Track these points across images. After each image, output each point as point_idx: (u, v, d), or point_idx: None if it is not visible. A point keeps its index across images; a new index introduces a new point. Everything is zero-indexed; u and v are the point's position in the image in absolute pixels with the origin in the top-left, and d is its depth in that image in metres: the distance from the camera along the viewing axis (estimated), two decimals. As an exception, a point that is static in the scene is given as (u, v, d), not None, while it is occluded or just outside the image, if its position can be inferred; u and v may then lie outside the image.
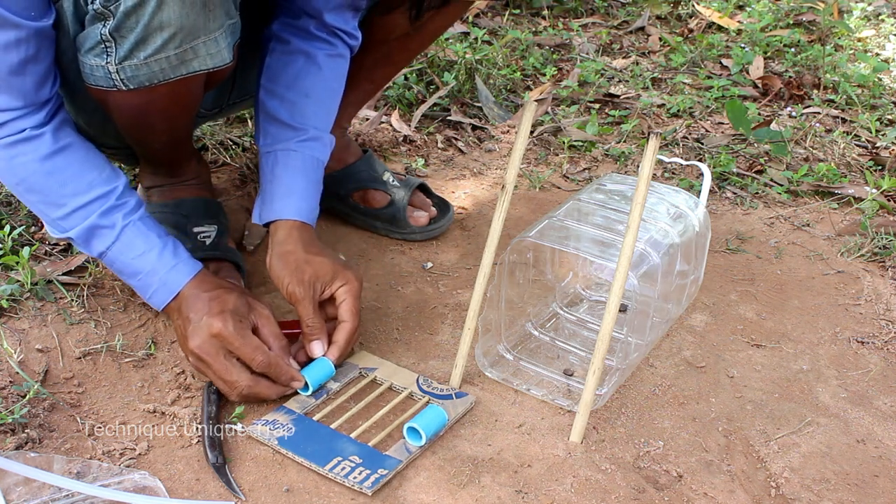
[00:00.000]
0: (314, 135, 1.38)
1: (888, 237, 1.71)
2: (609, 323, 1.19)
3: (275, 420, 1.21)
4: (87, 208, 1.21)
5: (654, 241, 1.32)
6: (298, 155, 1.36)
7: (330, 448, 1.17)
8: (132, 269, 1.24)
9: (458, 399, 1.26)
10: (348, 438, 1.19)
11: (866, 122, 2.18)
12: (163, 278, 1.22)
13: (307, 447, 1.17)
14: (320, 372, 1.27)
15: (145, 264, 1.23)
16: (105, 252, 1.23)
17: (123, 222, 1.22)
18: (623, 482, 1.17)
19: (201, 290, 1.22)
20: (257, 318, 1.22)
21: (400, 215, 1.64)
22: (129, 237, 1.22)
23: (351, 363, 1.33)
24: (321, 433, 1.20)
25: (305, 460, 1.15)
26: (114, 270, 1.27)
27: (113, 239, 1.22)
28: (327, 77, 1.41)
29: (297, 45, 1.39)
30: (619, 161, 1.99)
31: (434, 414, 1.20)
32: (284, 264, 1.29)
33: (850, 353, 1.44)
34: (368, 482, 1.12)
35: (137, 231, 1.23)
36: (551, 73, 2.37)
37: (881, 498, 1.18)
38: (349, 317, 1.28)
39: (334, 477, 1.13)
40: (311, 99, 1.39)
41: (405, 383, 1.30)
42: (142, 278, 1.23)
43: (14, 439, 1.15)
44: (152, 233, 1.24)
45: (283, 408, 1.24)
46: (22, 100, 1.16)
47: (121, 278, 1.28)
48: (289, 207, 1.33)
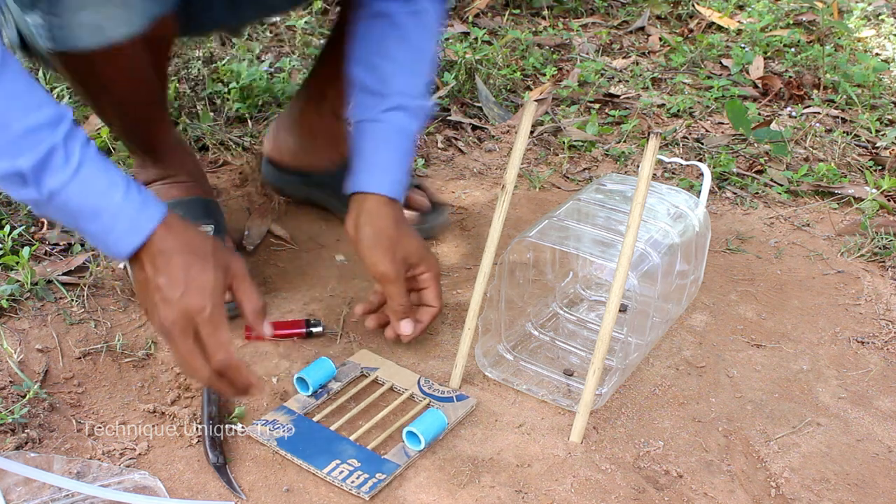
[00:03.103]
0: (399, 102, 1.32)
1: (888, 237, 1.71)
2: (609, 323, 1.19)
3: (275, 420, 1.21)
4: (40, 132, 0.99)
5: (654, 241, 1.32)
6: (385, 127, 1.32)
7: (328, 450, 1.17)
8: (92, 208, 1.03)
9: (459, 402, 1.26)
10: (347, 441, 1.19)
11: (866, 122, 2.18)
12: (130, 220, 1.04)
13: (306, 449, 1.17)
14: (321, 372, 1.27)
15: (109, 203, 1.03)
16: (59, 190, 1.00)
17: (82, 152, 1.01)
18: (623, 482, 1.17)
19: (173, 247, 1.06)
20: (232, 277, 1.11)
21: None
22: (89, 170, 1.02)
23: (353, 362, 1.33)
24: (320, 435, 1.19)
25: (304, 462, 1.15)
26: (61, 216, 1.05)
27: (72, 172, 1.00)
28: (409, 37, 1.35)
29: (374, 8, 1.34)
30: (619, 161, 1.99)
31: (434, 418, 1.20)
32: (375, 240, 1.29)
33: (850, 353, 1.44)
34: (366, 487, 1.11)
35: (98, 165, 1.03)
36: (551, 73, 2.37)
37: (881, 498, 1.18)
38: (435, 301, 1.33)
39: (332, 480, 1.13)
40: (394, 62, 1.33)
41: (406, 384, 1.29)
42: (104, 220, 1.03)
43: (14, 439, 1.15)
44: (112, 167, 1.05)
45: (283, 407, 1.24)
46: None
47: (66, 223, 1.08)
48: (374, 181, 1.32)
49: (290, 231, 1.64)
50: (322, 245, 1.62)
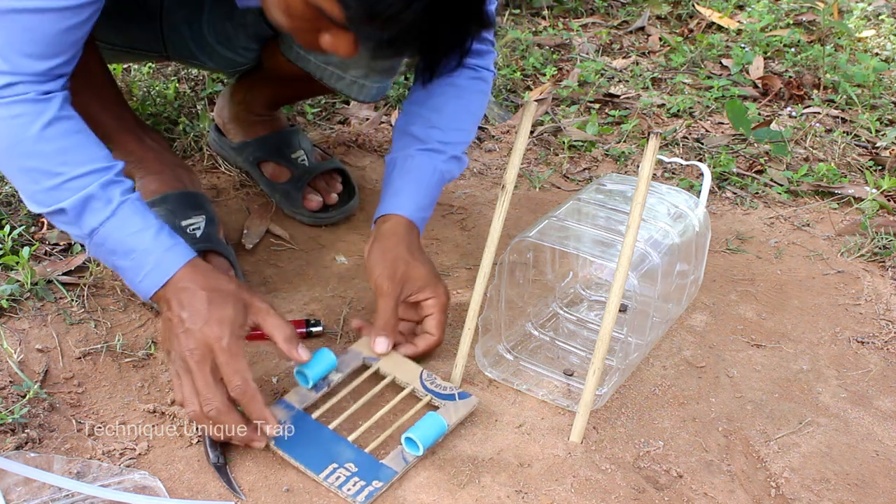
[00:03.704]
0: (438, 147, 1.39)
1: (888, 237, 1.71)
2: (609, 323, 1.19)
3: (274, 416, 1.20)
4: (84, 178, 1.14)
5: (654, 241, 1.32)
6: (416, 160, 1.37)
7: (326, 453, 1.16)
8: (126, 246, 1.16)
9: (461, 400, 1.25)
10: (346, 442, 1.18)
11: (866, 122, 2.18)
12: (158, 258, 1.15)
13: (304, 451, 1.16)
14: (321, 364, 1.25)
15: (140, 242, 1.16)
16: (98, 228, 1.15)
17: (121, 198, 1.16)
18: (623, 482, 1.17)
19: (197, 284, 1.15)
20: (256, 314, 1.17)
21: (293, 194, 1.66)
22: (125, 213, 1.16)
23: (354, 350, 1.31)
24: (319, 435, 1.19)
25: (301, 465, 1.14)
26: (100, 253, 1.19)
27: (109, 213, 1.15)
28: (463, 95, 1.43)
29: (447, 80, 1.41)
30: (619, 161, 1.99)
31: (433, 422, 1.19)
32: (381, 256, 1.30)
33: (850, 353, 1.44)
34: (362, 496, 1.11)
35: (134, 208, 1.17)
36: (551, 73, 2.37)
37: (881, 498, 1.18)
38: (436, 331, 1.32)
39: (329, 486, 1.12)
40: (442, 114, 1.40)
41: (408, 378, 1.28)
42: (135, 257, 1.16)
43: (14, 439, 1.15)
44: (149, 213, 1.18)
45: (282, 401, 1.23)
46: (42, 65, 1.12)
47: (106, 262, 1.20)
48: (396, 204, 1.35)
49: (290, 231, 1.64)
50: (322, 245, 1.62)
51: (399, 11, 0.97)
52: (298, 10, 1.05)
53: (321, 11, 1.03)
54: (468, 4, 1.05)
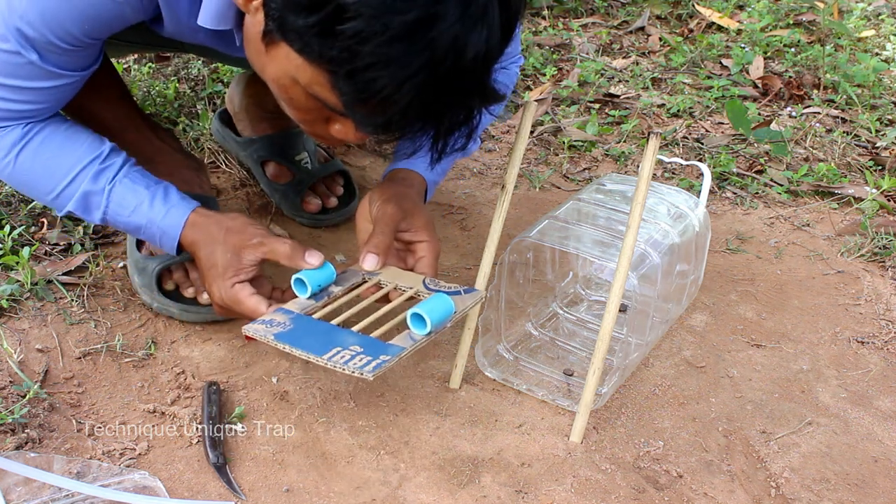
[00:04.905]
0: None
1: (888, 237, 1.71)
2: (609, 323, 1.19)
3: (272, 319, 1.16)
4: (75, 182, 1.23)
5: (654, 241, 1.32)
6: (413, 159, 1.34)
7: (330, 339, 1.11)
8: (133, 225, 1.26)
9: (467, 294, 1.20)
10: (349, 331, 1.13)
11: (866, 122, 2.18)
12: (161, 227, 1.24)
13: (305, 340, 1.11)
14: (321, 274, 1.21)
15: (140, 218, 1.24)
16: (104, 216, 1.25)
17: (109, 184, 1.23)
18: (623, 482, 1.17)
19: (196, 245, 1.23)
20: (252, 251, 1.22)
21: (292, 196, 1.66)
22: (118, 196, 1.24)
23: (353, 269, 1.26)
24: (321, 328, 1.14)
25: (303, 352, 1.09)
26: (126, 232, 1.32)
27: (105, 202, 1.24)
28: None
29: None
30: (619, 161, 1.99)
31: (440, 302, 1.13)
32: (385, 191, 1.27)
33: (850, 353, 1.44)
34: (369, 367, 1.05)
35: (125, 188, 1.24)
36: (551, 73, 2.37)
37: (881, 498, 1.18)
38: (428, 272, 1.26)
39: (333, 366, 1.07)
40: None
41: (411, 283, 1.22)
42: (144, 231, 1.26)
43: (14, 439, 1.15)
44: (139, 185, 1.25)
45: (281, 309, 1.18)
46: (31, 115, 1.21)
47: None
48: (409, 163, 1.32)
49: (291, 230, 1.64)
50: (322, 245, 1.62)
51: (392, 93, 0.94)
52: (302, 102, 1.05)
53: (320, 100, 1.02)
54: (467, 81, 0.99)
